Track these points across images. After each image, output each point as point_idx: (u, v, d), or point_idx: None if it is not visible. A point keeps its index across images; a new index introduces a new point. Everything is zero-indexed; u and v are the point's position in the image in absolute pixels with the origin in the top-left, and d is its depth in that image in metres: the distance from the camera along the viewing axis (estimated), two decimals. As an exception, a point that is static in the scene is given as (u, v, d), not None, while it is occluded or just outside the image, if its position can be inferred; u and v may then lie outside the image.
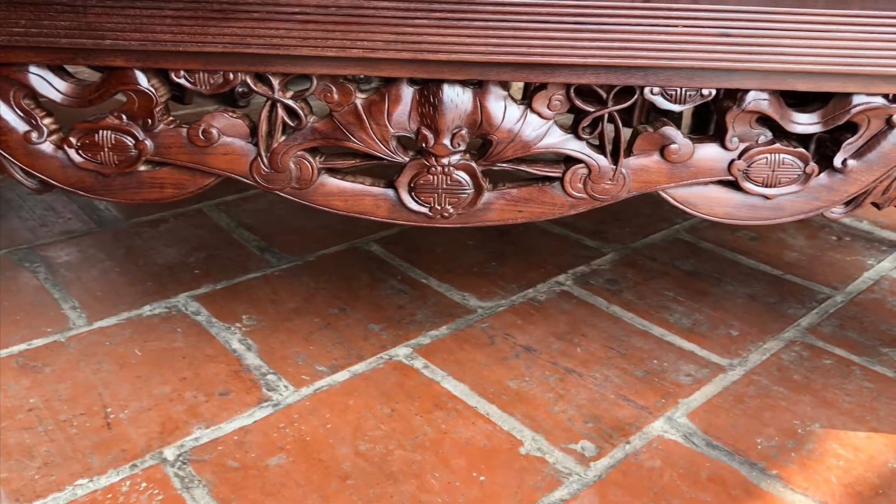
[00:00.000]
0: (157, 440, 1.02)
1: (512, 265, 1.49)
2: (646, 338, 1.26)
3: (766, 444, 1.03)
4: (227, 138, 0.87)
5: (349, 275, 1.49)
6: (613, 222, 1.69)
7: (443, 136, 0.86)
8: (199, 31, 0.79)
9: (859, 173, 0.89)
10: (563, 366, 1.18)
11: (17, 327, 1.29)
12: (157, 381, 1.13)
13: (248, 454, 0.98)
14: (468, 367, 1.16)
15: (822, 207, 0.91)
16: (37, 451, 1.00)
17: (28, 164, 0.85)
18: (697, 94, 0.84)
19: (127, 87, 0.82)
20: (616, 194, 0.90)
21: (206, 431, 1.03)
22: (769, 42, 0.79)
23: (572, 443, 1.02)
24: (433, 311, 1.36)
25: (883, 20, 0.78)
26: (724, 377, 1.17)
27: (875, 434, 1.05)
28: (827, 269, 1.52)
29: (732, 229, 1.67)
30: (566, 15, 0.77)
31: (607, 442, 1.02)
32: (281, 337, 1.28)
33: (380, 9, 0.77)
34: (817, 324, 1.31)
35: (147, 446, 1.00)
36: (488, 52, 0.79)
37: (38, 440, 1.02)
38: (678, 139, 0.87)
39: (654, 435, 1.04)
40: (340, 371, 1.18)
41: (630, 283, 1.44)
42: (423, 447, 1.00)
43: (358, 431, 1.02)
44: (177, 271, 1.49)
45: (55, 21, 0.78)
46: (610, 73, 0.83)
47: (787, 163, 0.89)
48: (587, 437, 1.03)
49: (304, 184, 0.89)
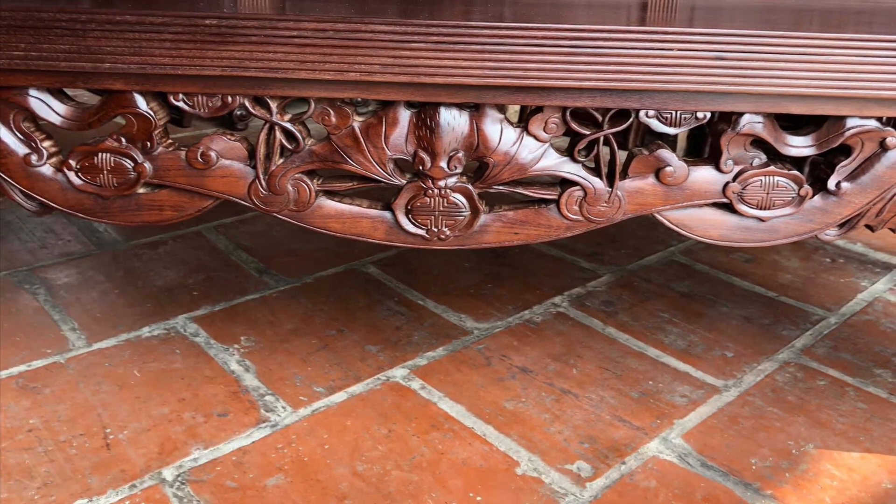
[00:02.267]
0: (156, 460, 1.01)
1: (508, 287, 1.48)
2: (641, 359, 1.25)
3: (761, 465, 1.02)
4: (226, 161, 0.86)
5: (346, 296, 1.48)
6: (609, 244, 1.69)
7: (439, 159, 0.86)
8: (198, 54, 0.78)
9: (853, 195, 0.89)
10: (559, 387, 1.17)
11: (17, 349, 1.28)
12: (156, 402, 1.12)
13: (247, 474, 0.97)
14: (465, 388, 1.15)
15: (816, 230, 0.90)
16: (36, 471, 0.99)
17: (28, 186, 0.84)
18: (692, 118, 0.84)
19: (126, 110, 0.81)
20: (611, 216, 0.89)
21: (204, 452, 1.03)
22: (763, 65, 0.79)
23: (568, 463, 1.01)
24: (430, 333, 1.36)
25: (877, 44, 0.78)
26: (718, 398, 1.16)
27: (869, 454, 1.04)
28: (821, 290, 1.51)
29: (727, 251, 1.67)
30: (562, 39, 0.77)
31: (603, 462, 1.01)
32: (279, 358, 1.28)
33: (377, 32, 0.77)
34: (811, 345, 1.30)
35: (146, 467, 0.99)
36: (484, 76, 0.79)
37: (38, 461, 1.02)
38: (673, 162, 0.87)
39: (649, 455, 1.03)
40: (338, 392, 1.18)
41: (625, 304, 1.43)
42: (420, 468, 0.99)
43: (355, 452, 1.01)
44: (176, 293, 1.48)
45: (55, 44, 0.77)
46: (605, 97, 0.82)
47: (781, 185, 0.89)
48: (583, 458, 1.02)
49: (302, 206, 0.89)
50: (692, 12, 0.90)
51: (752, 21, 0.85)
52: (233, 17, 0.76)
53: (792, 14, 0.93)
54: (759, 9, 0.96)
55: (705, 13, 0.89)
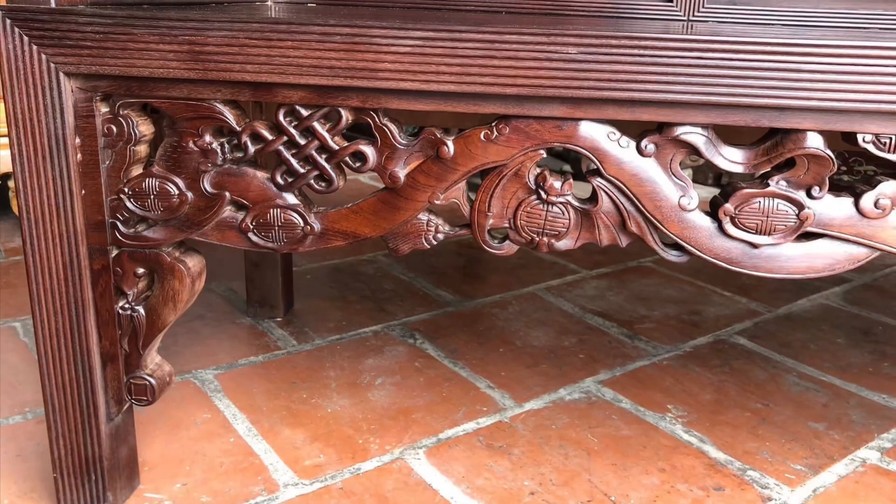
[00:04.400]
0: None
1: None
2: None
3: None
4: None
5: (740, 368, 1.43)
6: None
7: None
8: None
9: None
10: None
11: (453, 404, 1.28)
12: (638, 471, 1.08)
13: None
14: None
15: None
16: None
17: (677, 232, 0.75)
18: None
19: (801, 150, 0.72)
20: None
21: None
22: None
23: None
24: (865, 413, 1.31)
25: None
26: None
27: None
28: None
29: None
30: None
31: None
32: (725, 430, 1.22)
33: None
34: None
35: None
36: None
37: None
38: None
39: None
40: (823, 472, 1.11)
41: None
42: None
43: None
44: (561, 355, 1.44)
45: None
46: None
47: None
48: None
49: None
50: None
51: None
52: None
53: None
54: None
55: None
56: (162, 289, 0.85)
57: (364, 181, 2.52)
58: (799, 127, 0.73)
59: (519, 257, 1.86)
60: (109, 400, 0.88)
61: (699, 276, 1.79)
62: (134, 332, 0.86)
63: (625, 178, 0.76)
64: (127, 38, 0.74)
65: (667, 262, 1.22)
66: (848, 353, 1.47)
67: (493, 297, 1.66)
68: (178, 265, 0.84)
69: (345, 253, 1.88)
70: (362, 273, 1.76)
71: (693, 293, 1.70)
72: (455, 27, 0.71)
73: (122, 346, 0.86)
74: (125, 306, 0.85)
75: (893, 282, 1.81)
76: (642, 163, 0.76)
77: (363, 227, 0.82)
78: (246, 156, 0.80)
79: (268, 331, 1.44)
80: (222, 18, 0.73)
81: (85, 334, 0.84)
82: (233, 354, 1.34)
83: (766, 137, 0.76)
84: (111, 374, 0.87)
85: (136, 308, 0.86)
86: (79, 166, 0.79)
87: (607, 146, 0.76)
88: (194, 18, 0.73)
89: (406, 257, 1.85)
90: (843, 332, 1.54)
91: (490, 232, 0.81)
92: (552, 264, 1.84)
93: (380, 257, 1.86)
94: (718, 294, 1.70)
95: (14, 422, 1.12)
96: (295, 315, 1.51)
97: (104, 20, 0.73)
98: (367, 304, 1.58)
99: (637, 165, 0.76)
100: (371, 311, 1.54)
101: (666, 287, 1.73)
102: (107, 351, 0.86)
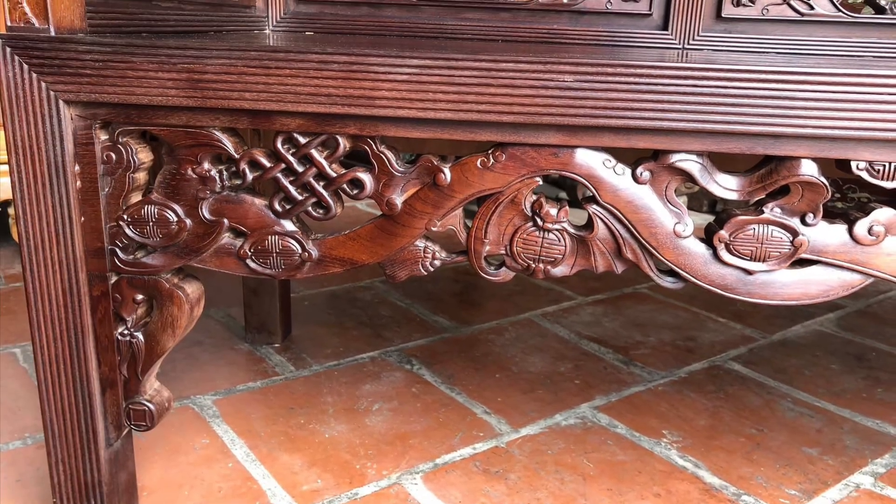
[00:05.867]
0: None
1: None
2: None
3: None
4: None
5: (735, 394, 1.42)
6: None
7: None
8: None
9: None
10: None
11: (449, 430, 1.27)
12: (633, 496, 1.08)
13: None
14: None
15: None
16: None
17: (672, 259, 0.74)
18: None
19: (796, 177, 0.71)
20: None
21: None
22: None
23: None
24: (860, 439, 1.30)
25: None
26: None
27: None
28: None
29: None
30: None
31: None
32: (719, 455, 1.21)
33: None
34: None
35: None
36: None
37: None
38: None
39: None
40: (816, 497, 1.11)
41: None
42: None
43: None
44: (557, 380, 1.44)
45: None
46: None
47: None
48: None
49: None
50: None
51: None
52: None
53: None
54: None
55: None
56: (161, 315, 0.84)
57: (361, 208, 2.52)
58: (793, 154, 0.72)
59: (515, 283, 1.85)
60: (109, 425, 0.87)
61: (694, 303, 1.79)
62: (133, 358, 0.85)
63: (620, 205, 0.76)
64: (126, 66, 0.73)
65: (662, 288, 1.22)
66: (842, 378, 1.46)
67: (489, 323, 1.65)
68: (177, 291, 0.83)
69: (342, 279, 1.87)
70: (360, 299, 1.75)
71: (688, 319, 1.69)
72: (452, 55, 0.70)
73: (121, 371, 0.85)
74: (124, 332, 0.85)
75: (887, 308, 1.80)
76: (638, 190, 0.75)
77: (361, 254, 0.81)
78: (244, 183, 0.79)
79: (266, 357, 1.43)
80: (220, 46, 0.72)
81: (84, 360, 0.83)
82: (231, 380, 1.33)
83: (761, 165, 0.75)
84: (110, 399, 0.86)
85: (135, 334, 0.85)
86: (78, 193, 0.78)
87: (603, 173, 0.75)
88: (193, 47, 0.72)
89: (403, 284, 1.84)
90: (837, 358, 1.53)
91: (486, 258, 0.81)
92: (548, 290, 1.84)
93: (377, 284, 1.85)
94: (713, 320, 1.69)
95: (14, 447, 1.11)
96: (293, 341, 1.50)
97: (103, 48, 0.73)
98: (365, 330, 1.57)
99: (632, 192, 0.75)
100: (368, 337, 1.53)
101: (661, 313, 1.72)
102: (106, 377, 0.85)
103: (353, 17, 1.17)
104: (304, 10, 1.17)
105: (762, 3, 1.09)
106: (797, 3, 1.09)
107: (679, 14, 1.09)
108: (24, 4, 0.73)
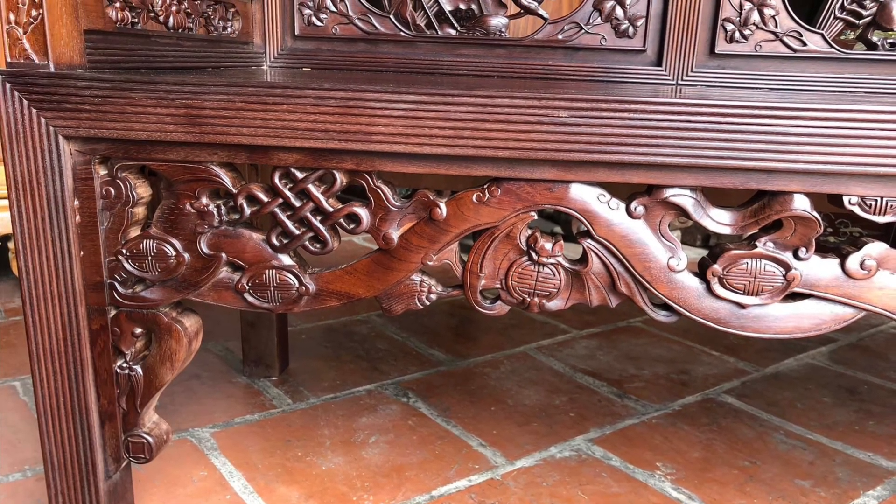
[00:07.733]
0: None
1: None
2: None
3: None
4: (887, 272, 0.75)
5: (728, 427, 1.40)
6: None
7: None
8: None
9: None
10: None
11: (445, 462, 1.24)
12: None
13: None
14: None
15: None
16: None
17: (666, 293, 0.73)
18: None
19: (788, 212, 0.71)
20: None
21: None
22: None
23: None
24: (852, 471, 1.28)
25: None
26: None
27: None
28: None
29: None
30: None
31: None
32: (713, 487, 1.19)
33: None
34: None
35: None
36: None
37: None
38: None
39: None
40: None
41: None
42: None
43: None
44: (552, 413, 1.42)
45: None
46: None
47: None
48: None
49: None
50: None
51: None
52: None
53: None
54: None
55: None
56: (159, 348, 0.83)
57: (358, 242, 2.51)
58: (786, 189, 0.71)
59: (510, 317, 1.84)
60: (108, 458, 0.86)
61: (688, 336, 1.77)
62: (132, 391, 0.84)
63: (614, 239, 0.75)
64: (125, 102, 0.72)
65: (656, 322, 1.21)
66: (834, 411, 1.45)
67: (485, 357, 1.63)
68: (176, 325, 0.82)
69: (339, 313, 1.85)
70: (356, 333, 1.73)
71: (682, 353, 1.68)
72: (448, 91, 0.69)
73: (120, 404, 0.84)
74: (123, 366, 0.83)
75: (879, 341, 1.79)
76: (632, 224, 0.74)
77: (357, 288, 0.80)
78: (242, 217, 0.78)
79: (263, 390, 1.41)
80: (218, 82, 0.71)
81: (83, 393, 0.82)
82: (229, 413, 1.31)
83: (754, 199, 0.74)
84: (109, 432, 0.85)
85: (134, 367, 0.83)
86: (77, 228, 0.77)
87: (597, 208, 0.74)
88: (191, 82, 0.71)
89: (399, 317, 1.82)
90: (829, 391, 1.52)
91: (482, 292, 0.79)
92: (543, 324, 1.82)
93: (373, 317, 1.84)
94: (707, 353, 1.68)
95: (14, 479, 1.09)
96: (290, 374, 1.49)
97: (102, 84, 0.72)
98: (361, 363, 1.55)
99: (627, 227, 0.74)
100: (365, 371, 1.51)
101: (655, 346, 1.71)
102: (105, 409, 0.84)
103: (349, 53, 1.17)
104: (302, 47, 1.17)
105: (755, 39, 1.09)
106: (790, 39, 1.09)
107: (673, 50, 1.09)
108: (24, 40, 0.72)
